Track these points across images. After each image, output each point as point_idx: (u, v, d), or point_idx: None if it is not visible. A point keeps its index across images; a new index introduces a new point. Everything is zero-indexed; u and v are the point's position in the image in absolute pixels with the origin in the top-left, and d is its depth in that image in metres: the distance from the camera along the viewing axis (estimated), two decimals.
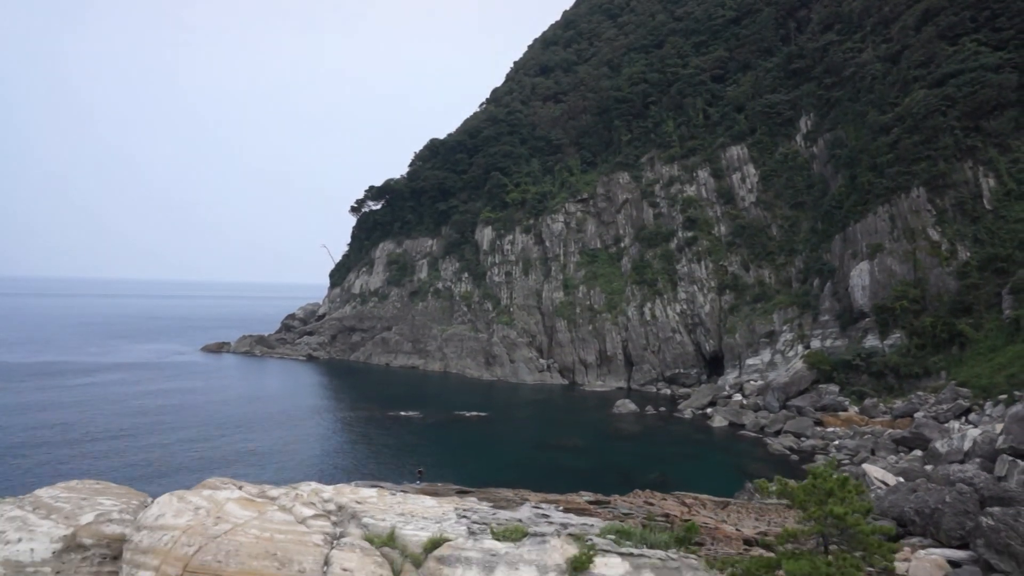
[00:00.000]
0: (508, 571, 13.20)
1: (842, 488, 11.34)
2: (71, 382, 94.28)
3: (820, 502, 11.09)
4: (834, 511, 10.88)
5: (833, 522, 11.02)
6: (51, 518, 15.84)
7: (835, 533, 11.20)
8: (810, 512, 11.14)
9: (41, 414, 71.20)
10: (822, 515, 11.02)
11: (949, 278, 71.80)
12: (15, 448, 57.57)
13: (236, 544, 12.91)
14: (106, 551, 15.32)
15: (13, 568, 14.57)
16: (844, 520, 10.88)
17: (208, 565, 12.61)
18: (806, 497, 11.31)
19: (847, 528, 11.02)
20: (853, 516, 10.94)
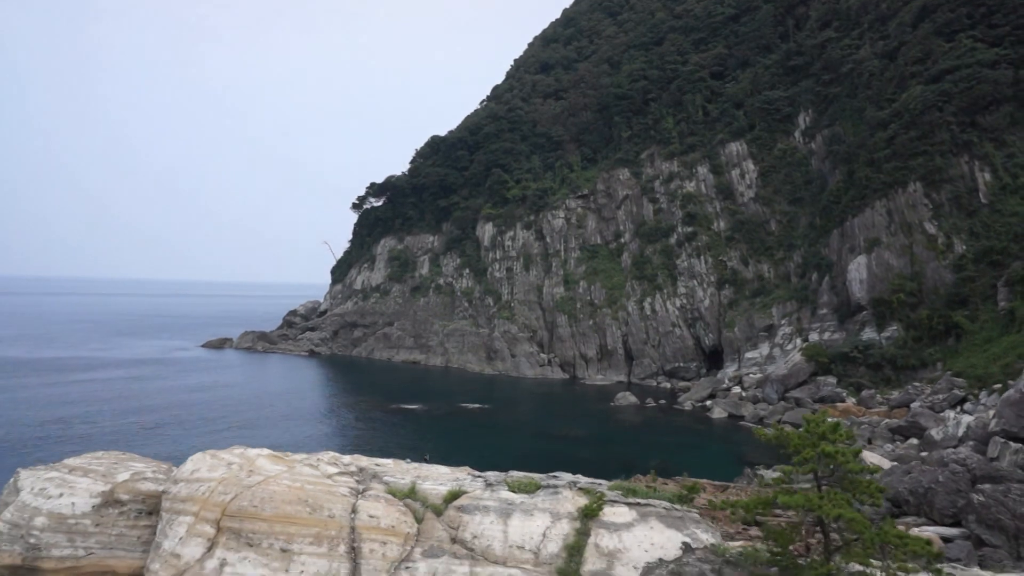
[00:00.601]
0: (524, 518, 14.14)
1: (834, 432, 12.26)
2: (75, 377, 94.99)
3: (813, 444, 12.03)
4: (825, 450, 11.80)
5: (825, 461, 11.98)
6: (88, 476, 16.76)
7: (827, 472, 12.14)
8: (804, 454, 12.08)
9: (45, 409, 71.90)
10: (815, 455, 11.97)
11: (945, 271, 72.76)
12: (21, 441, 58.33)
13: (270, 492, 13.83)
14: (141, 506, 16.25)
15: (56, 519, 15.51)
16: (835, 458, 11.81)
17: (245, 509, 13.53)
18: (800, 441, 12.24)
19: (838, 466, 11.95)
20: (843, 456, 11.87)
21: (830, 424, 12.40)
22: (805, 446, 12.03)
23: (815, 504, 11.14)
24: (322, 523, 13.59)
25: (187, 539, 13.66)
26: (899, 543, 11.28)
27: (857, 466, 12.00)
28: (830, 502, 11.15)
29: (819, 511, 11.16)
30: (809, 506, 11.18)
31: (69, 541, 15.34)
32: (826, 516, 11.22)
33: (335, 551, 13.36)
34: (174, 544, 13.67)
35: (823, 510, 11.10)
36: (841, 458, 11.75)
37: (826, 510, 11.05)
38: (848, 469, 11.88)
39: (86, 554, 15.41)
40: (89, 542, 15.50)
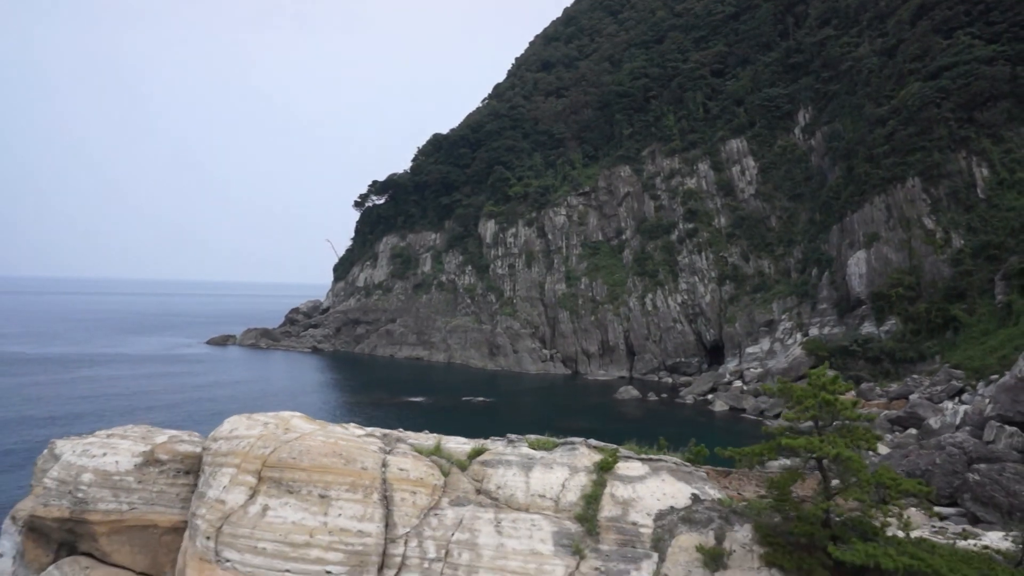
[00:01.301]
0: (544, 470, 15.13)
1: (833, 383, 13.23)
2: (81, 373, 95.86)
3: (814, 395, 12.99)
4: (825, 398, 12.77)
5: (825, 409, 12.94)
6: (128, 439, 17.75)
7: (827, 418, 13.10)
8: (805, 403, 13.04)
9: (54, 404, 72.71)
10: (816, 404, 12.92)
11: (943, 265, 73.66)
12: (32, 433, 59.13)
13: (307, 446, 14.81)
14: (180, 466, 17.26)
15: (102, 476, 16.50)
16: (834, 405, 12.77)
17: (284, 461, 14.50)
18: (802, 392, 13.20)
19: (836, 413, 12.92)
20: (841, 404, 12.82)
21: (830, 377, 13.38)
22: (807, 396, 13.00)
23: (816, 446, 12.11)
24: (356, 474, 14.57)
25: (230, 487, 14.63)
26: (893, 484, 12.23)
27: (854, 414, 12.98)
28: (829, 444, 12.11)
29: (819, 451, 12.12)
30: (810, 447, 12.15)
31: (114, 496, 16.30)
32: (826, 456, 12.18)
33: (369, 498, 14.33)
34: (218, 492, 14.62)
35: (823, 450, 12.06)
36: (839, 406, 12.72)
37: (826, 450, 12.01)
38: (846, 416, 12.84)
39: (129, 508, 16.38)
40: (132, 498, 16.47)
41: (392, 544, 13.95)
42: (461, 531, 14.15)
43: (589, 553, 13.73)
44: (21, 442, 56.88)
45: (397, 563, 13.81)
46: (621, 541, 14.05)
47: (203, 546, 13.88)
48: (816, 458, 12.63)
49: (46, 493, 16.65)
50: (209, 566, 13.66)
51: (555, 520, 14.40)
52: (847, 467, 12.18)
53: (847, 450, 11.93)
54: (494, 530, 14.12)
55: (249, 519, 14.01)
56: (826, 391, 12.98)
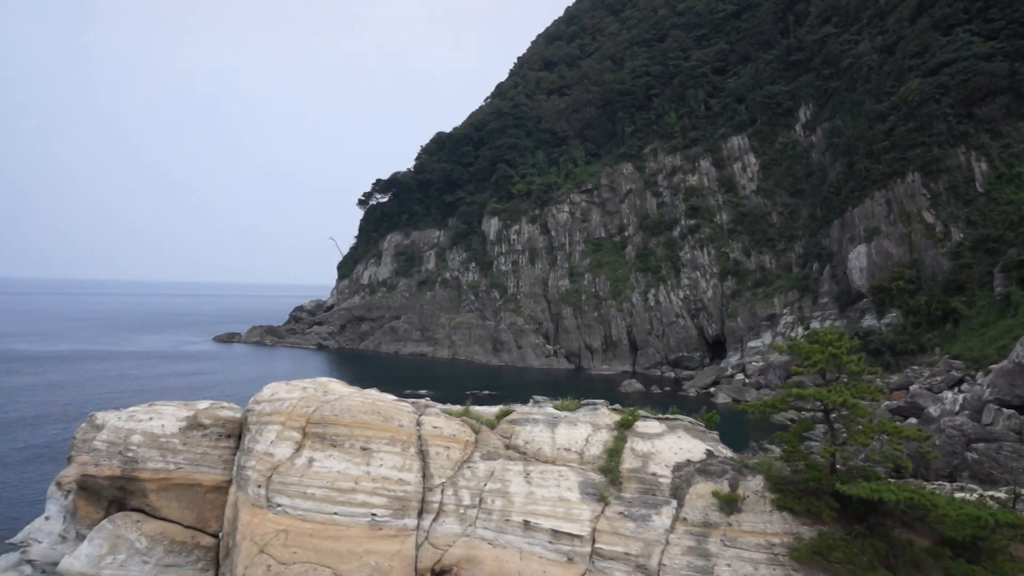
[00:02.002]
0: (568, 427, 16.20)
1: (839, 340, 14.27)
2: (89, 368, 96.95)
3: (822, 350, 14.02)
4: (832, 352, 13.81)
5: (832, 362, 13.97)
6: (171, 406, 18.78)
7: (832, 370, 14.14)
8: (814, 358, 14.07)
9: (65, 397, 73.75)
10: (822, 357, 13.96)
11: (943, 258, 74.68)
12: (46, 423, 60.12)
13: (347, 405, 15.88)
14: (221, 430, 18.33)
15: (149, 438, 17.58)
16: (840, 359, 13.81)
17: (327, 418, 15.57)
18: (811, 349, 14.23)
19: (842, 366, 13.94)
20: (847, 358, 13.86)
21: (836, 334, 14.42)
22: (815, 352, 14.04)
23: (823, 395, 13.15)
24: (394, 430, 15.63)
25: (277, 442, 15.69)
26: (895, 431, 13.27)
27: (859, 368, 14.01)
28: (836, 393, 13.15)
29: (827, 399, 13.15)
30: (819, 396, 13.19)
31: (161, 456, 17.35)
32: (833, 403, 13.22)
33: (407, 452, 15.40)
34: (266, 447, 15.69)
35: (830, 398, 13.10)
36: (845, 359, 13.76)
37: (833, 398, 13.05)
38: (851, 371, 13.88)
39: (176, 468, 17.43)
40: (178, 458, 17.52)
41: (430, 492, 15.03)
42: (493, 481, 15.22)
43: (613, 500, 14.79)
44: (36, 430, 58.03)
45: (435, 509, 14.88)
46: (642, 489, 15.10)
47: (255, 494, 14.95)
48: (824, 410, 13.65)
49: (96, 454, 17.68)
50: (261, 511, 14.70)
51: (580, 471, 15.45)
52: (853, 414, 13.22)
53: (852, 398, 12.97)
54: (524, 480, 15.17)
55: (296, 469, 15.08)
56: (832, 347, 14.02)
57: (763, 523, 13.92)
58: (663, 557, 13.87)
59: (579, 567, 13.85)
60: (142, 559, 16.08)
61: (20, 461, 49.61)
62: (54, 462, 49.41)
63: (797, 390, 13.72)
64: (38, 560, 18.51)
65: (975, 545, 13.33)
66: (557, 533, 14.18)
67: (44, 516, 20.73)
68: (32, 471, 46.99)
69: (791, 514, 13.88)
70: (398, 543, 14.20)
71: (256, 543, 14.07)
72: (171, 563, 16.33)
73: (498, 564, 13.70)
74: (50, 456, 50.68)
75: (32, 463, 48.30)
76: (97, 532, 16.70)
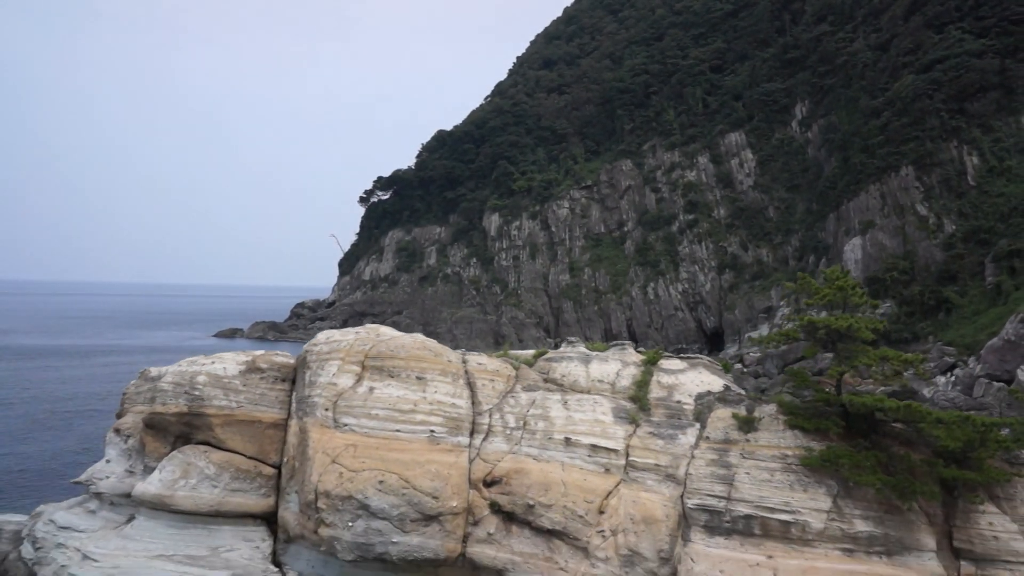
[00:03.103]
0: (600, 363, 17.97)
1: (845, 278, 16.02)
2: (97, 361, 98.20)
3: (830, 285, 15.76)
4: (839, 285, 15.57)
5: (839, 295, 15.71)
6: (231, 353, 20.43)
7: (839, 303, 15.89)
8: (823, 292, 15.81)
9: (78, 387, 74.87)
10: (832, 291, 15.70)
11: (936, 250, 76.72)
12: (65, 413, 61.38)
13: (400, 343, 17.64)
14: (277, 374, 20.03)
15: (213, 378, 19.25)
16: (845, 292, 15.55)
17: (383, 353, 17.30)
18: (819, 286, 15.95)
19: (848, 297, 15.69)
20: (852, 291, 15.62)
21: (843, 273, 16.19)
22: (824, 288, 15.81)
23: (832, 321, 14.91)
24: (445, 364, 17.36)
25: (339, 374, 17.40)
26: (895, 355, 15.03)
27: (862, 300, 15.78)
28: (842, 320, 14.90)
29: (834, 325, 14.90)
30: (827, 323, 14.95)
31: (224, 395, 18.98)
32: (839, 329, 14.97)
33: (457, 382, 17.13)
34: (329, 378, 17.39)
35: (837, 324, 14.85)
36: (850, 292, 15.53)
37: (839, 324, 14.80)
38: (855, 303, 15.65)
39: (237, 406, 19.06)
40: (239, 398, 19.15)
41: (479, 416, 16.75)
42: (535, 408, 16.94)
43: (643, 422, 16.51)
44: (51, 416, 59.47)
45: (484, 429, 16.60)
46: (668, 414, 16.84)
47: (323, 416, 16.62)
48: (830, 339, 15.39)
49: (163, 395, 19.30)
50: (329, 431, 16.37)
51: (612, 399, 17.18)
52: (856, 338, 14.95)
53: (856, 323, 14.70)
54: (562, 407, 16.88)
55: (359, 396, 16.75)
56: (839, 281, 15.78)
57: (777, 439, 15.66)
58: (689, 468, 15.61)
59: (615, 477, 15.54)
60: (211, 483, 17.68)
61: (39, 440, 51.06)
62: (68, 438, 50.94)
63: (809, 317, 15.45)
64: (107, 492, 20.10)
65: (965, 457, 15.08)
66: (595, 448, 15.89)
67: (104, 460, 22.32)
68: (51, 447, 48.46)
69: (802, 432, 15.62)
70: (454, 456, 15.93)
71: (328, 455, 15.72)
72: (237, 488, 17.93)
73: (543, 474, 15.38)
74: (64, 434, 52.18)
75: (49, 442, 49.65)
76: (169, 461, 18.29)
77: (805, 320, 15.56)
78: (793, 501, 14.49)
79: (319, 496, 15.24)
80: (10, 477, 41.76)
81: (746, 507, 14.68)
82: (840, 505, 14.50)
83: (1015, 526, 15.08)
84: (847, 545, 14.33)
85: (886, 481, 14.07)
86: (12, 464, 44.36)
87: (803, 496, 14.55)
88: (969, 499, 15.03)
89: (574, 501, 14.77)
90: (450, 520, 14.81)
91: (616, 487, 15.19)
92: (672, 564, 14.44)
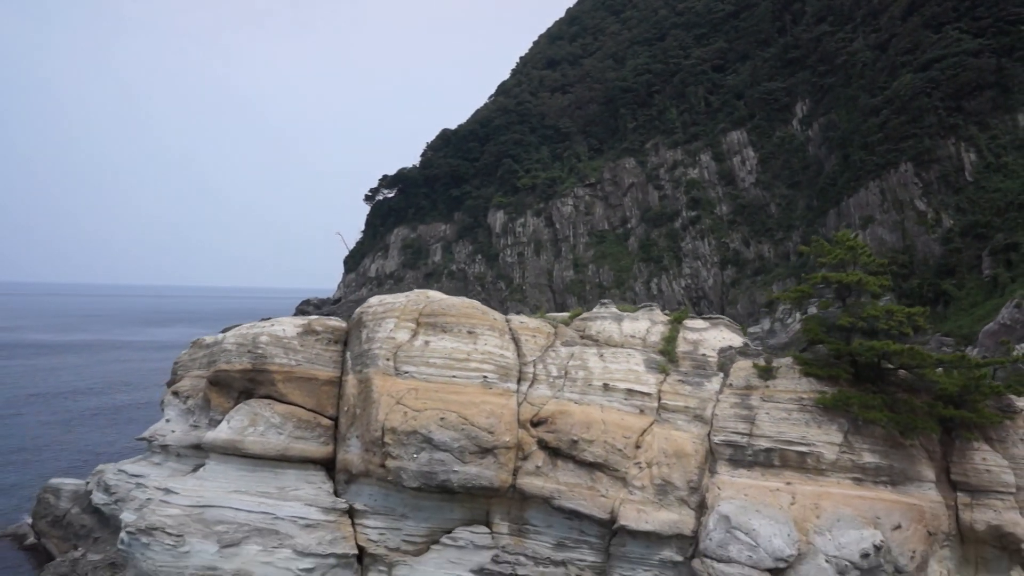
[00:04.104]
0: (631, 322, 19.86)
1: (854, 239, 17.83)
2: (108, 356, 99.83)
3: (842, 245, 17.58)
4: (850, 245, 17.38)
5: (849, 254, 17.52)
6: (289, 317, 22.22)
7: (850, 260, 17.69)
8: (835, 251, 17.62)
9: (94, 380, 76.67)
10: (843, 250, 17.51)
11: (934, 244, 78.57)
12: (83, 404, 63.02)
13: (451, 303, 19.54)
14: (331, 336, 21.86)
15: (274, 338, 21.07)
16: (855, 251, 17.36)
17: (436, 310, 19.15)
18: (830, 247, 17.76)
19: (857, 257, 17.49)
20: (862, 249, 17.44)
21: (852, 235, 18.01)
22: (836, 246, 17.66)
23: (843, 277, 16.73)
24: (492, 321, 19.22)
25: (396, 329, 19.24)
26: (899, 310, 16.86)
27: (869, 259, 17.60)
28: (852, 275, 16.70)
29: (844, 279, 16.70)
30: (838, 278, 16.76)
31: (285, 354, 20.76)
32: (851, 282, 16.77)
33: (504, 337, 18.98)
34: (387, 332, 19.23)
35: (847, 279, 16.65)
36: (860, 250, 17.35)
37: (849, 279, 16.60)
38: (864, 261, 17.47)
39: (296, 364, 20.84)
40: (297, 357, 20.93)
41: (524, 367, 18.61)
42: (574, 360, 18.80)
43: (672, 372, 18.36)
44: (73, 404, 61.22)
45: (530, 377, 18.45)
46: (695, 365, 18.69)
47: (384, 366, 18.44)
48: (840, 294, 17.17)
49: (227, 354, 21.04)
50: (391, 378, 18.18)
51: (644, 352, 19.02)
52: (864, 290, 16.75)
53: (865, 277, 16.50)
54: (599, 358, 18.71)
55: (416, 348, 18.58)
56: (849, 242, 17.61)
57: (793, 384, 17.49)
58: (715, 409, 17.42)
59: (649, 417, 17.35)
60: (277, 431, 19.43)
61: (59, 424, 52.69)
62: (89, 426, 52.48)
63: (824, 273, 17.25)
64: (173, 445, 21.88)
65: (962, 400, 16.88)
66: (631, 392, 17.71)
67: (164, 420, 24.12)
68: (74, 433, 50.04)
69: (816, 379, 17.45)
70: (505, 399, 17.76)
71: (393, 396, 17.51)
72: (299, 436, 19.69)
73: (584, 415, 17.18)
74: (85, 423, 53.72)
75: (70, 431, 51.21)
76: (237, 411, 20.03)
77: (819, 276, 17.40)
78: (809, 435, 16.31)
79: (386, 432, 17.03)
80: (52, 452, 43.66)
81: (767, 441, 16.48)
82: (850, 440, 16.31)
83: (1006, 462, 16.90)
84: (856, 475, 16.14)
85: (891, 418, 15.87)
86: (57, 442, 46.29)
87: (817, 431, 16.37)
88: (965, 437, 16.84)
89: (613, 437, 16.57)
90: (503, 453, 16.60)
91: (650, 426, 17.00)
92: (700, 492, 16.25)
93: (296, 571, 16.82)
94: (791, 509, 15.30)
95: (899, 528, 15.17)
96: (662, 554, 15.75)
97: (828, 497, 15.60)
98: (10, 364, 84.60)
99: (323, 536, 17.50)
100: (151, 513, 17.69)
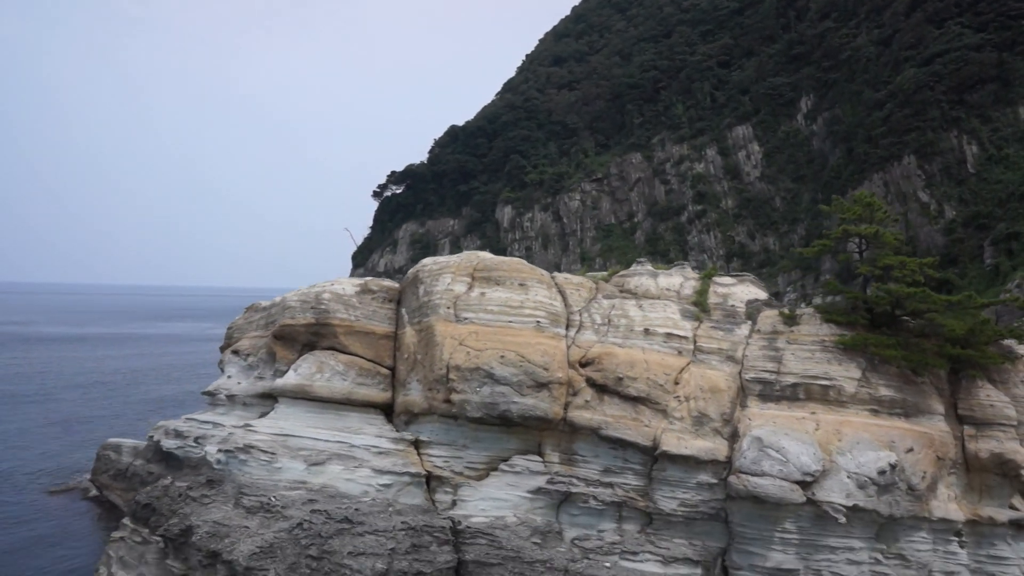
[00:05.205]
0: (665, 277, 21.81)
1: (871, 196, 19.67)
2: (127, 349, 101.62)
3: (862, 204, 19.43)
4: (867, 202, 19.24)
5: (867, 210, 19.39)
6: (346, 278, 24.08)
7: (867, 216, 19.55)
8: (854, 209, 19.47)
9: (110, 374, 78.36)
10: (861, 208, 19.37)
11: (937, 234, 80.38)
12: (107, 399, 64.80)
13: (501, 259, 21.51)
14: (386, 295, 23.76)
15: (335, 296, 22.97)
16: (872, 208, 19.23)
17: (489, 266, 21.13)
18: (849, 205, 19.61)
19: (873, 213, 19.37)
20: (878, 206, 19.33)
21: (870, 194, 19.89)
22: (855, 204, 19.54)
23: (861, 230, 18.58)
24: (540, 275, 21.22)
25: (454, 283, 21.20)
26: (912, 261, 18.74)
27: (884, 215, 19.47)
28: (870, 228, 18.57)
29: (862, 232, 18.57)
30: (857, 232, 18.62)
31: (345, 310, 22.66)
32: (868, 234, 18.64)
33: (551, 290, 20.98)
34: (445, 286, 21.20)
35: (865, 232, 18.51)
36: (877, 208, 19.22)
37: (868, 231, 18.46)
38: (879, 218, 19.34)
39: (355, 320, 22.73)
40: (356, 313, 22.83)
41: (571, 315, 20.60)
42: (615, 310, 20.79)
43: (705, 320, 20.34)
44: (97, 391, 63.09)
45: (577, 324, 20.45)
46: (725, 314, 20.63)
47: (446, 313, 20.43)
48: (859, 249, 19.01)
49: (291, 311, 22.96)
50: (452, 324, 20.14)
51: (679, 303, 20.98)
52: (881, 243, 18.60)
53: (883, 231, 18.36)
54: (638, 309, 20.67)
55: (473, 298, 20.53)
56: (867, 199, 19.48)
57: (816, 329, 19.42)
58: (745, 351, 19.34)
59: (686, 358, 19.27)
60: (341, 377, 21.33)
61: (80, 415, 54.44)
62: (110, 419, 54.04)
63: (846, 226, 19.11)
64: (239, 395, 23.75)
65: (968, 342, 18.75)
66: (670, 335, 19.64)
67: (226, 376, 25.98)
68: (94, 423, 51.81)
69: (836, 324, 19.35)
70: (556, 341, 19.72)
71: (455, 338, 19.45)
72: (361, 382, 21.61)
73: (628, 356, 19.09)
74: (107, 417, 55.44)
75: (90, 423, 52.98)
76: (303, 360, 21.94)
77: (840, 229, 19.27)
78: (831, 371, 18.21)
79: (450, 370, 18.96)
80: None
81: (793, 377, 18.39)
82: (868, 376, 18.19)
83: (1007, 398, 18.77)
84: (873, 406, 18.02)
85: (904, 356, 17.75)
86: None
87: (839, 368, 18.28)
88: (971, 376, 18.71)
89: (655, 374, 18.46)
90: (556, 388, 18.50)
91: (687, 365, 18.91)
92: (732, 424, 18.14)
93: (376, 486, 18.73)
94: (816, 434, 17.16)
95: (911, 451, 17.01)
96: (699, 477, 17.61)
97: (848, 424, 17.46)
98: (35, 354, 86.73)
99: (395, 460, 19.48)
100: (241, 438, 19.77)
